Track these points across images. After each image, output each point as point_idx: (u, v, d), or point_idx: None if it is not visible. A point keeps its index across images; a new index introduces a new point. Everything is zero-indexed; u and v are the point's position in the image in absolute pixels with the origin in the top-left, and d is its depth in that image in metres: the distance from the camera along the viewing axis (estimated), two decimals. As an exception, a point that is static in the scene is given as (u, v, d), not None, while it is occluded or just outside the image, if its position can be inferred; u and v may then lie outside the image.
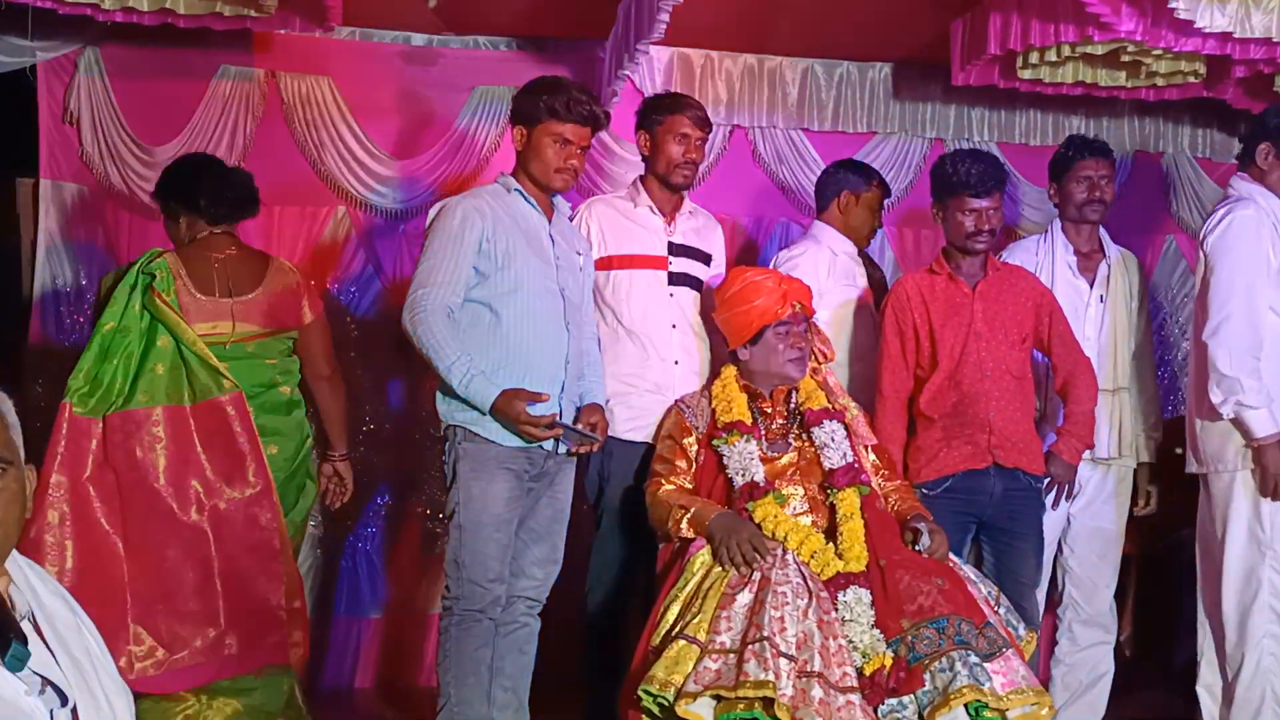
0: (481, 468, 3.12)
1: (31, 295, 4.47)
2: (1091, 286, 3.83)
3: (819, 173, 4.83)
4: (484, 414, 3.07)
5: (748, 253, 4.94)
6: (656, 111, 3.66)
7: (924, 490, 3.43)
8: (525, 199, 3.27)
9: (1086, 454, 3.66)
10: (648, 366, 3.55)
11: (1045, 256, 3.82)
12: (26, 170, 4.56)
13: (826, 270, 3.82)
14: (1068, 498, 3.60)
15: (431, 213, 3.25)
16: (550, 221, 3.30)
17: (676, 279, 3.64)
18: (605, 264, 3.64)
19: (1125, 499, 3.90)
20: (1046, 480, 3.55)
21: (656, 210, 3.67)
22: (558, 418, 3.11)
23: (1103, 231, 3.94)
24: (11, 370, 4.33)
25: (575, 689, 3.64)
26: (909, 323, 3.54)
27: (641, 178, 3.72)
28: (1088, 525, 3.81)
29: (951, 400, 3.47)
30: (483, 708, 3.14)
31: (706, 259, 3.74)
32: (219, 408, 3.31)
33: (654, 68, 4.80)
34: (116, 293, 3.29)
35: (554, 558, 3.31)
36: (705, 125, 3.63)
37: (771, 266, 3.90)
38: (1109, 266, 3.89)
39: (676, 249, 3.67)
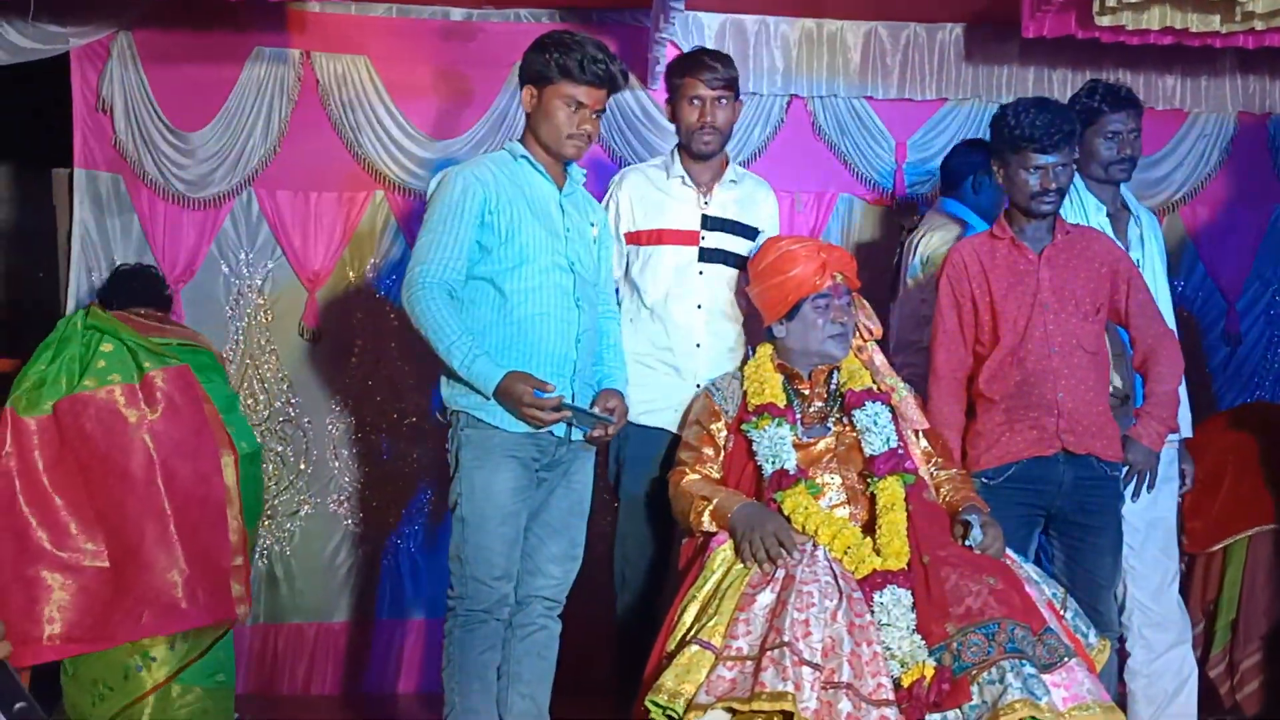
0: (486, 456, 2.87)
1: (67, 287, 4.39)
2: (1127, 249, 3.41)
3: (880, 145, 4.59)
4: (487, 398, 2.83)
5: (808, 232, 4.61)
6: (673, 75, 3.39)
7: (984, 479, 3.08)
8: (533, 166, 3.02)
9: None
10: (668, 349, 3.29)
11: (1076, 218, 3.39)
12: (62, 161, 4.48)
13: None
14: (1149, 488, 3.20)
15: (432, 184, 3.03)
16: (561, 190, 3.05)
17: (709, 255, 3.35)
18: (634, 238, 3.38)
19: (1175, 482, 3.51)
20: (1125, 469, 3.17)
21: (690, 180, 3.39)
22: (567, 400, 2.85)
23: (1123, 188, 3.55)
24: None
25: (603, 694, 3.37)
26: (966, 293, 3.18)
27: (678, 145, 3.46)
28: (1145, 517, 3.37)
29: (1015, 379, 3.11)
30: (491, 716, 2.90)
31: (751, 233, 3.43)
32: (158, 378, 3.37)
33: (704, 36, 4.50)
34: (58, 325, 3.43)
35: (573, 554, 3.05)
36: (721, 84, 3.31)
37: (922, 254, 3.64)
38: (1140, 226, 3.50)
39: (712, 222, 3.37)
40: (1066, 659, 2.53)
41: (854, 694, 2.40)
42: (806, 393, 3.03)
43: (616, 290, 3.37)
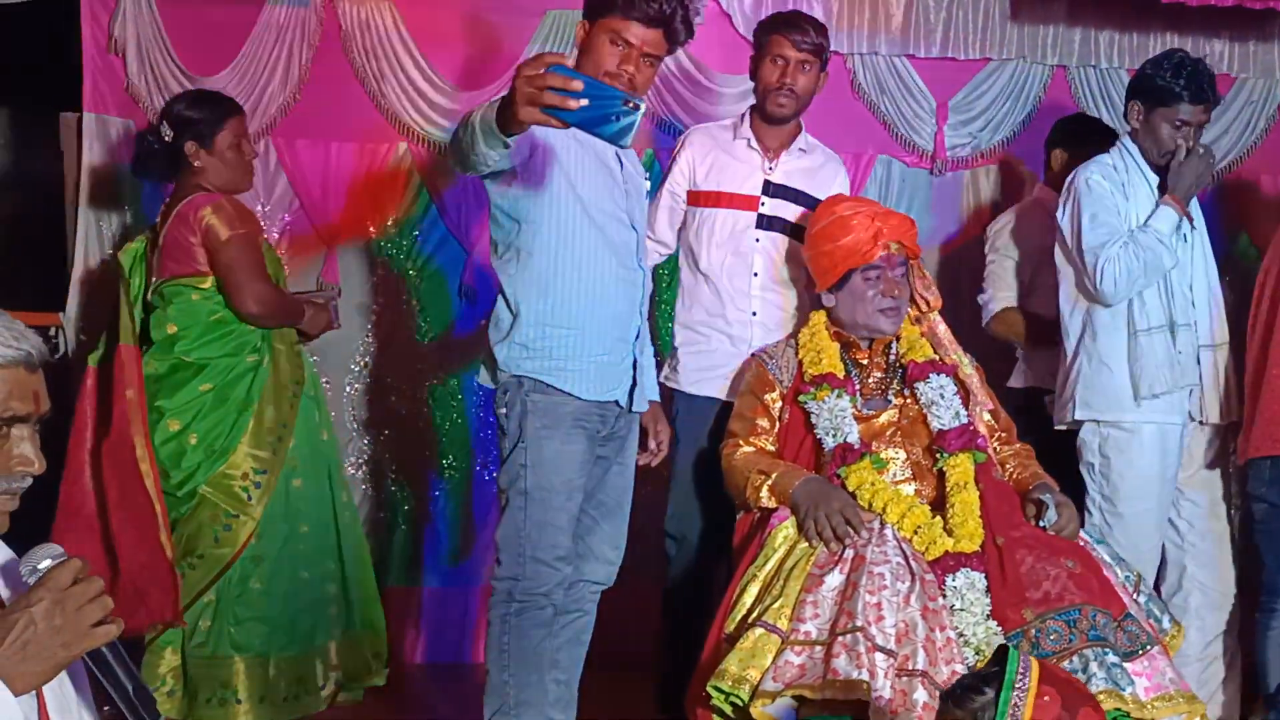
0: (556, 425, 2.62)
1: (75, 234, 4.21)
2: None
3: (921, 106, 4.42)
4: (506, 135, 2.26)
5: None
6: (761, 31, 3.30)
7: None
8: None
9: (1197, 416, 3.25)
10: (722, 316, 3.17)
11: (1131, 179, 3.25)
12: (70, 104, 4.28)
13: None
14: None
15: None
16: None
17: (768, 222, 3.23)
18: (693, 199, 3.29)
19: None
20: None
21: (756, 144, 3.27)
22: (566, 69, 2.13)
23: None
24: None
25: (645, 670, 3.26)
26: None
27: (751, 107, 3.35)
28: (1206, 496, 3.28)
29: None
30: (544, 709, 2.73)
31: (815, 205, 3.28)
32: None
33: (742, -13, 4.33)
34: None
35: (623, 532, 2.88)
36: (809, 48, 3.18)
37: None
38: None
39: (774, 189, 3.26)
40: (1149, 646, 2.44)
41: (929, 683, 2.29)
42: (865, 363, 2.90)
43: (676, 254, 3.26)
